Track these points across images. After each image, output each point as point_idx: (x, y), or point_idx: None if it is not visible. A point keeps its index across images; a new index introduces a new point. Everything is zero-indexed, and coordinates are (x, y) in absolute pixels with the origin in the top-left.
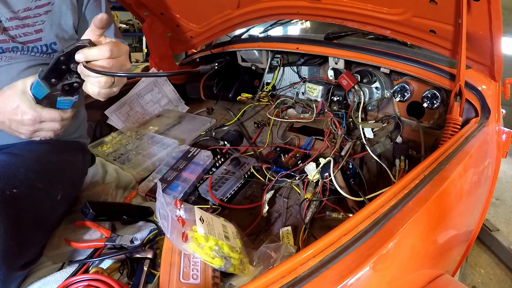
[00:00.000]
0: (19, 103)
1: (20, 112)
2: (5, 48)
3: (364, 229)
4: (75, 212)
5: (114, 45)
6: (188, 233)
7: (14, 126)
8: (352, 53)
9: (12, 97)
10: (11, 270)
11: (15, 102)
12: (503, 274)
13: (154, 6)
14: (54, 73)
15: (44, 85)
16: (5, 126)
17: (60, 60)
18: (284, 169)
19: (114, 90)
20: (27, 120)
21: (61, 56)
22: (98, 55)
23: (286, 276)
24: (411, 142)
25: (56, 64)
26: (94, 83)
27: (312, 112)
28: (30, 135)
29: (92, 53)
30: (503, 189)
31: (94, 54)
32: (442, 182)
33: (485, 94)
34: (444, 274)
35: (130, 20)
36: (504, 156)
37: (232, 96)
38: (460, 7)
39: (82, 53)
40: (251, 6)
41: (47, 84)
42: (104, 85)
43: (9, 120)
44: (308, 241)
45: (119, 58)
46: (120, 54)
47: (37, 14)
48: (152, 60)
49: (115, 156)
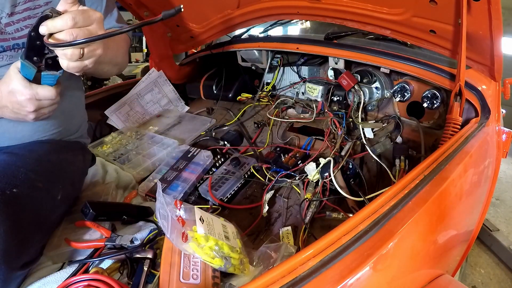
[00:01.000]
0: (13, 85)
1: (16, 94)
2: (6, 46)
3: (364, 229)
4: (75, 212)
5: (79, 13)
6: (188, 233)
7: (16, 109)
8: (352, 53)
9: (6, 81)
10: (11, 269)
11: (9, 85)
12: (503, 274)
13: (154, 6)
14: (32, 51)
15: (29, 64)
16: (8, 112)
17: (32, 36)
18: (284, 169)
19: (86, 63)
20: (24, 100)
21: (31, 32)
22: (61, 26)
23: (286, 276)
24: (411, 142)
25: (30, 41)
26: (61, 56)
27: (312, 112)
28: (36, 115)
29: (55, 24)
30: (503, 189)
31: (57, 25)
32: (442, 182)
33: (485, 94)
34: (444, 274)
35: (130, 20)
36: (504, 156)
37: (232, 96)
38: (460, 7)
39: (45, 25)
40: (251, 6)
41: (30, 64)
42: (70, 57)
43: (10, 104)
44: (308, 241)
45: (87, 27)
46: (88, 22)
47: (37, 6)
48: (152, 60)
49: (115, 156)
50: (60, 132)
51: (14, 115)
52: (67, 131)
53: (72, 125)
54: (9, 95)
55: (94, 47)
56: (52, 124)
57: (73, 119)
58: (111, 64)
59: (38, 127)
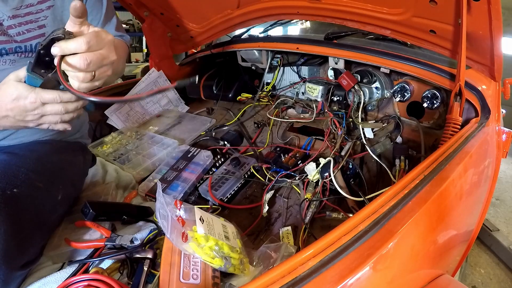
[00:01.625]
0: (17, 92)
1: (20, 99)
2: (8, 49)
3: (364, 229)
4: (75, 212)
5: (93, 36)
6: (188, 233)
7: (18, 116)
8: (352, 53)
9: (8, 89)
10: (11, 269)
11: (13, 93)
12: (503, 274)
13: (154, 6)
14: (40, 66)
15: (35, 76)
16: (10, 121)
17: (41, 53)
18: (284, 169)
19: (96, 84)
20: (29, 104)
21: (41, 50)
22: (75, 48)
23: (286, 276)
24: (411, 142)
25: (39, 58)
26: (73, 78)
27: (312, 112)
28: (37, 121)
29: (68, 46)
30: (503, 189)
31: (70, 48)
32: (442, 182)
33: (485, 94)
34: (444, 274)
35: (130, 20)
36: (504, 156)
37: (232, 96)
38: (460, 7)
39: (58, 47)
40: (251, 6)
41: (37, 75)
42: (83, 80)
43: (12, 111)
44: (308, 241)
45: (99, 51)
46: (101, 45)
47: (39, 10)
48: (152, 60)
49: (115, 156)
50: (60, 133)
51: (15, 124)
52: (67, 131)
53: (72, 126)
54: (14, 101)
55: (105, 69)
56: None
57: None
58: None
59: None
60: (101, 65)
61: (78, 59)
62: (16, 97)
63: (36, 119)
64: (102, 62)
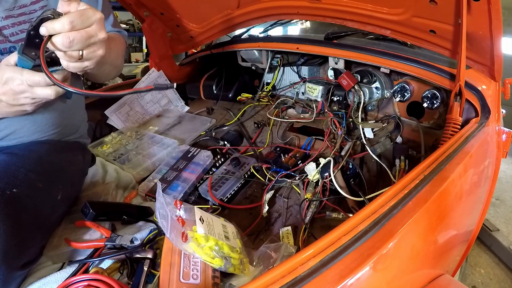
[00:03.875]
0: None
1: (9, 81)
2: (3, 48)
3: (364, 229)
4: (75, 212)
5: (78, 15)
6: (188, 233)
7: (12, 100)
8: (352, 53)
9: None
10: (11, 269)
11: (2, 76)
12: (503, 274)
13: (154, 6)
14: (31, 47)
15: (26, 58)
16: (6, 106)
17: (31, 34)
18: (284, 169)
19: (86, 64)
20: (16, 86)
21: (30, 31)
22: (60, 28)
23: (286, 276)
24: (411, 142)
25: (29, 39)
26: (61, 56)
27: (312, 112)
28: (32, 103)
29: (54, 26)
30: (503, 189)
31: (56, 27)
32: (442, 182)
33: (485, 94)
34: (444, 274)
35: (130, 20)
36: (504, 156)
37: (232, 96)
38: (460, 7)
39: (45, 27)
40: (251, 6)
41: (28, 57)
42: (69, 59)
43: (4, 96)
44: (308, 241)
45: (86, 29)
46: (86, 24)
47: (32, 11)
48: (152, 60)
49: (115, 156)
50: (59, 132)
51: (11, 109)
52: (66, 131)
53: (71, 125)
54: (4, 86)
55: (95, 48)
56: (52, 124)
57: (72, 119)
58: (112, 65)
59: (38, 127)
60: (88, 43)
61: (60, 38)
62: (5, 80)
63: (30, 103)
64: (89, 41)
